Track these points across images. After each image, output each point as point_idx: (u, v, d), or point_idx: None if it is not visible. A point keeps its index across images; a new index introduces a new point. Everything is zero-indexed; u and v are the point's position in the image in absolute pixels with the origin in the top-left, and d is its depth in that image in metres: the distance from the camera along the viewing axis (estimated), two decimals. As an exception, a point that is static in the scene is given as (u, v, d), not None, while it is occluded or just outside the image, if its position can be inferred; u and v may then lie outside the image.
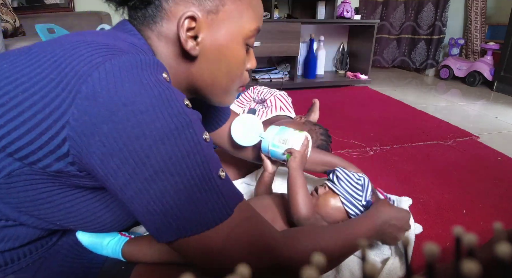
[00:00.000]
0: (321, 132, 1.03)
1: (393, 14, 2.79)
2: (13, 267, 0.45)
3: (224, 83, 0.50)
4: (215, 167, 0.38)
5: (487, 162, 1.23)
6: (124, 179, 0.34)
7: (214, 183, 0.37)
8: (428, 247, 0.15)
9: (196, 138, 0.36)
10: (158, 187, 0.34)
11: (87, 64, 0.33)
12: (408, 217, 0.65)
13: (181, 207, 0.35)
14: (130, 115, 0.33)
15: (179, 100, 0.37)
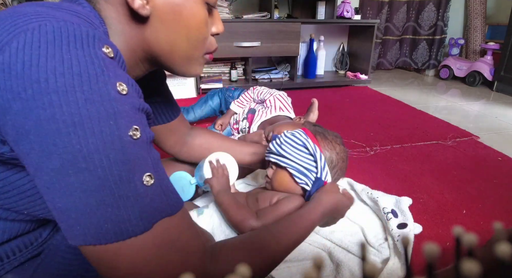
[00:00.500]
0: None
1: (396, 15, 2.79)
2: (4, 266, 0.43)
3: (184, 49, 0.44)
4: (139, 170, 0.33)
5: (487, 162, 1.23)
6: (33, 167, 0.30)
7: (132, 189, 0.32)
8: (428, 247, 0.15)
9: (116, 133, 0.31)
10: (64, 182, 0.30)
11: (10, 33, 0.29)
12: (346, 202, 0.64)
13: (88, 210, 0.30)
14: (41, 94, 0.28)
15: (107, 84, 0.31)
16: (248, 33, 2.05)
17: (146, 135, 0.35)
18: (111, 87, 0.32)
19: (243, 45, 2.06)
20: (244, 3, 2.38)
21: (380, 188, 0.98)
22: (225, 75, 2.36)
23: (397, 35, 2.86)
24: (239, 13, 2.23)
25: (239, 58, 2.33)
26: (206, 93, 1.53)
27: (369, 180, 1.07)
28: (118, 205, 0.31)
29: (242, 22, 2.02)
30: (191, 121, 1.52)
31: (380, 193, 0.90)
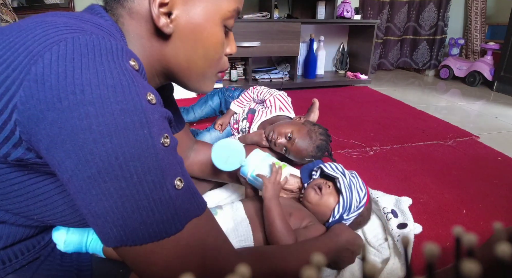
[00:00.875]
0: (320, 131, 1.03)
1: (398, 15, 2.79)
2: (6, 268, 0.44)
3: (200, 66, 0.46)
4: (170, 175, 0.34)
5: (487, 162, 1.23)
6: (67, 174, 0.31)
7: (165, 193, 0.34)
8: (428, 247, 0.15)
9: (150, 141, 0.33)
10: (101, 189, 0.31)
11: (41, 44, 0.30)
12: (361, 242, 0.66)
13: (124, 214, 0.32)
14: (77, 105, 0.29)
15: (139, 94, 0.33)
16: (248, 33, 2.05)
17: (173, 141, 0.37)
18: (142, 97, 0.33)
19: (243, 45, 2.06)
20: (244, 3, 2.37)
21: (380, 188, 0.98)
22: (225, 75, 2.36)
23: (398, 35, 2.86)
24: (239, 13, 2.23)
25: (239, 58, 2.33)
26: (206, 93, 1.53)
27: (369, 180, 1.07)
28: (152, 209, 0.33)
29: (242, 22, 2.02)
30: (191, 121, 1.51)
31: (380, 193, 0.90)
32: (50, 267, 0.49)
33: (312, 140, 1.01)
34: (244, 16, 2.08)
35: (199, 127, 1.46)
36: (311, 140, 1.01)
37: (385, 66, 2.95)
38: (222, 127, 1.30)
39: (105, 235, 0.33)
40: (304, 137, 1.00)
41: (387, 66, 2.95)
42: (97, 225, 0.33)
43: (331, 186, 0.74)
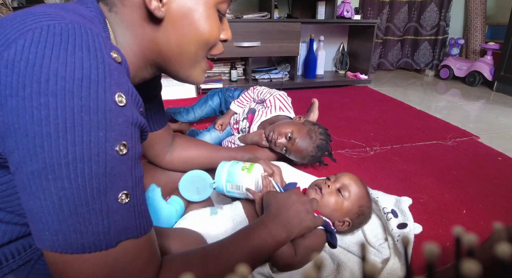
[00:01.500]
0: (320, 131, 1.03)
1: (397, 15, 2.78)
2: (3, 269, 0.43)
3: (192, 51, 0.45)
4: (117, 187, 0.33)
5: (487, 162, 1.23)
6: (14, 165, 0.31)
7: (105, 205, 0.32)
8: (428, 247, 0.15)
9: (103, 145, 0.31)
10: (42, 186, 0.30)
11: (17, 31, 0.30)
12: (303, 202, 0.61)
13: (60, 218, 0.31)
14: (39, 94, 0.28)
15: (106, 93, 0.31)
16: (248, 33, 2.05)
17: (133, 151, 0.35)
18: (110, 96, 0.31)
19: (243, 45, 2.06)
20: (244, 3, 2.38)
21: (380, 188, 0.98)
22: (225, 75, 2.36)
23: (398, 35, 2.85)
24: (239, 13, 2.23)
25: (239, 58, 2.33)
26: (206, 93, 1.53)
27: (369, 180, 1.07)
28: (89, 218, 0.31)
29: (242, 22, 2.02)
30: (191, 121, 1.51)
31: (380, 193, 0.90)
32: (44, 266, 0.49)
33: (312, 140, 1.01)
34: (244, 16, 2.08)
35: (199, 127, 1.46)
36: (311, 140, 1.01)
37: (384, 66, 2.94)
38: (222, 127, 1.30)
39: (38, 236, 0.32)
40: (304, 137, 1.00)
41: (386, 66, 2.94)
42: (32, 223, 0.32)
43: (330, 185, 0.74)
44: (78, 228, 0.31)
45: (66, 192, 0.30)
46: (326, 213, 0.72)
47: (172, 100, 2.01)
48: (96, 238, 0.32)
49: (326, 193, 0.73)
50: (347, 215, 0.73)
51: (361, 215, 0.74)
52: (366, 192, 0.77)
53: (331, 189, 0.73)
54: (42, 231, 0.31)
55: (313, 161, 1.07)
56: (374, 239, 0.78)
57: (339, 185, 0.74)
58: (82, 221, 0.31)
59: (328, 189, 0.73)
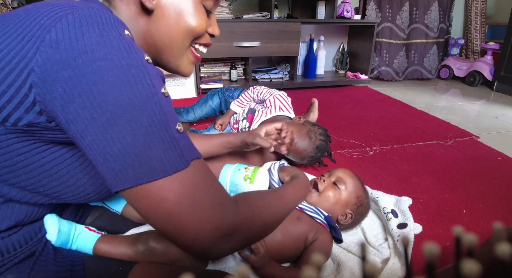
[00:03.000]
0: (320, 132, 1.03)
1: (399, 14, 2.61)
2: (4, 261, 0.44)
3: (181, 41, 0.50)
4: (172, 121, 0.39)
5: (487, 162, 1.23)
6: (83, 125, 0.35)
7: (170, 134, 0.38)
8: (428, 247, 0.15)
9: (153, 89, 0.37)
10: (114, 132, 0.35)
11: (50, 18, 0.35)
12: None
13: (137, 153, 0.36)
14: (90, 62, 0.34)
15: (138, 54, 0.38)
16: (248, 33, 2.05)
17: (170, 96, 0.42)
18: (141, 56, 0.38)
19: (243, 45, 2.06)
20: (244, 3, 2.38)
21: (380, 188, 0.98)
22: (225, 75, 2.36)
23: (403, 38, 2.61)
24: (239, 13, 2.23)
25: (239, 58, 2.33)
26: (206, 93, 1.53)
27: (369, 180, 1.07)
28: (161, 147, 0.37)
29: (242, 22, 2.02)
30: (191, 121, 1.51)
31: (380, 193, 0.90)
32: (45, 263, 0.49)
33: (311, 140, 1.01)
34: (244, 16, 2.08)
35: (199, 127, 1.46)
36: (310, 140, 1.01)
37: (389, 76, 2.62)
38: (222, 127, 1.30)
39: (118, 178, 0.36)
40: (303, 137, 1.00)
41: (393, 77, 2.62)
42: (112, 169, 0.36)
43: (326, 180, 0.75)
44: (157, 156, 0.36)
45: (138, 131, 0.36)
46: (327, 208, 0.73)
47: (172, 100, 2.01)
48: (174, 160, 0.38)
49: (323, 189, 0.74)
50: (347, 206, 0.74)
51: (361, 206, 0.75)
52: (361, 183, 0.78)
53: (327, 184, 0.75)
54: (123, 171, 0.36)
55: (313, 162, 1.07)
56: (374, 239, 0.78)
57: (334, 179, 0.76)
58: (157, 151, 0.37)
59: (324, 183, 0.74)
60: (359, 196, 0.75)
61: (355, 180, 0.77)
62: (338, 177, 0.76)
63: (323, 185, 0.75)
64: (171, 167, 0.37)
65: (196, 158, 0.41)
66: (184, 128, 0.41)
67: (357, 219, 0.77)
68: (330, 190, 0.74)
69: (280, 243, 0.66)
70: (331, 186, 0.75)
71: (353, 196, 0.75)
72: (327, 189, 0.74)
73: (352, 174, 0.78)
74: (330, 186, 0.75)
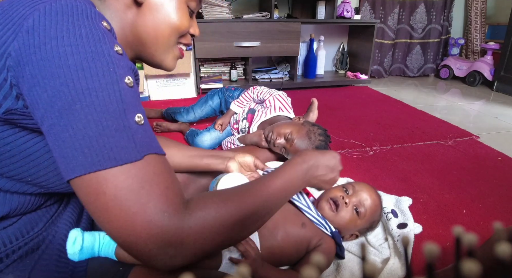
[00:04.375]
0: (319, 132, 1.03)
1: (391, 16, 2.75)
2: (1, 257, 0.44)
3: (166, 35, 0.52)
4: (132, 111, 0.39)
5: (487, 162, 1.23)
6: (42, 109, 0.36)
7: (126, 123, 0.38)
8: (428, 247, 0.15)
9: (115, 77, 0.38)
10: (69, 118, 0.35)
11: (30, 7, 0.37)
12: (336, 156, 0.65)
13: (88, 141, 0.36)
14: (58, 47, 0.36)
15: (107, 44, 0.39)
16: (248, 33, 2.05)
17: (136, 88, 0.41)
18: (110, 46, 0.39)
19: (243, 45, 2.06)
20: (244, 3, 2.38)
21: (380, 188, 0.98)
22: (225, 75, 2.36)
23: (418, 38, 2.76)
24: (239, 13, 2.23)
25: (239, 58, 2.33)
26: (206, 93, 1.53)
27: (369, 180, 1.07)
28: (116, 134, 0.37)
29: (242, 22, 2.02)
30: (191, 121, 1.51)
31: (380, 193, 0.90)
32: (47, 262, 0.49)
33: (311, 140, 1.01)
34: (244, 16, 2.08)
35: (199, 127, 1.46)
36: (310, 140, 1.01)
37: (403, 72, 2.83)
38: (222, 127, 1.30)
39: (70, 165, 0.36)
40: (303, 137, 1.00)
41: (406, 73, 2.84)
42: (64, 156, 0.36)
43: (348, 203, 0.70)
44: (108, 145, 0.36)
45: (93, 116, 0.36)
46: (338, 226, 0.70)
47: (172, 100, 2.01)
48: (125, 151, 0.37)
49: (342, 210, 0.70)
50: (358, 229, 0.72)
51: (371, 228, 0.75)
52: (380, 206, 0.75)
53: (348, 207, 0.70)
54: (74, 158, 0.36)
55: None
56: (374, 239, 0.78)
57: (356, 202, 0.71)
58: (110, 138, 0.36)
59: (345, 206, 0.70)
60: (373, 222, 0.73)
61: (377, 205, 0.73)
62: (360, 202, 0.71)
63: (343, 206, 0.70)
64: (121, 157, 0.36)
65: (155, 153, 0.40)
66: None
67: (361, 236, 0.77)
68: (349, 214, 0.70)
69: (280, 246, 0.65)
70: (351, 211, 0.70)
71: (368, 222, 0.72)
72: (346, 212, 0.70)
73: (375, 196, 0.73)
74: (350, 211, 0.70)
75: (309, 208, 0.69)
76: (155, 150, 0.40)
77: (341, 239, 0.70)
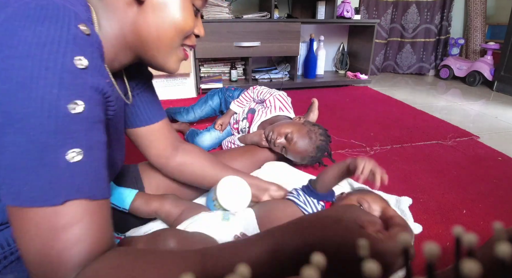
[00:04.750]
0: (320, 132, 1.03)
1: (404, 15, 2.77)
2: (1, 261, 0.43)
3: (169, 36, 0.48)
4: (66, 144, 0.33)
5: (487, 162, 1.23)
6: None
7: (54, 160, 0.33)
8: (428, 247, 0.15)
9: (54, 102, 0.33)
10: (1, 141, 0.32)
11: None
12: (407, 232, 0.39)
13: (13, 170, 0.32)
14: (7, 57, 0.32)
15: (67, 55, 0.34)
16: (248, 33, 2.05)
17: (91, 114, 0.36)
18: (69, 59, 0.34)
19: (243, 45, 2.06)
20: (244, 3, 2.38)
21: (380, 188, 0.98)
22: (225, 75, 2.36)
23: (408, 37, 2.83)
24: (239, 13, 2.23)
25: (239, 58, 2.33)
26: (206, 93, 1.53)
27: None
28: (38, 171, 0.32)
29: (242, 22, 2.02)
30: (191, 121, 1.51)
31: (380, 193, 0.90)
32: None
33: (311, 140, 1.01)
34: (244, 16, 2.08)
35: (199, 127, 1.46)
36: (310, 140, 1.01)
37: (392, 69, 2.92)
38: (222, 127, 1.30)
39: (1, 191, 0.33)
40: (303, 137, 1.00)
41: (396, 70, 2.91)
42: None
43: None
44: (29, 181, 0.32)
45: (20, 147, 0.32)
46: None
47: (172, 100, 2.01)
48: (43, 192, 0.33)
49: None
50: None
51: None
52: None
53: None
54: (2, 185, 0.33)
55: (313, 162, 1.07)
56: (374, 239, 0.78)
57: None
58: (32, 174, 0.32)
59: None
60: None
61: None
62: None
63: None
64: (37, 198, 0.32)
65: (84, 198, 0.35)
66: None
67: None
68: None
69: None
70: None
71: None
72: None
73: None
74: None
75: (306, 204, 0.69)
76: (84, 194, 0.35)
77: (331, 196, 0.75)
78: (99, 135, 0.38)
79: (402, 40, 2.85)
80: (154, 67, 0.53)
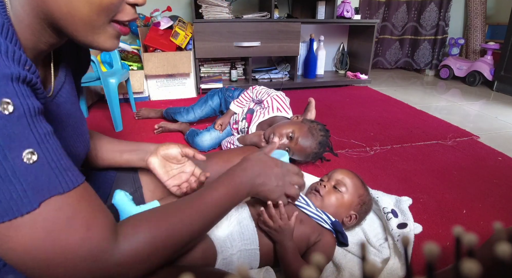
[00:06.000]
0: (319, 128, 1.04)
1: (395, 14, 2.80)
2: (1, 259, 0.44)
3: (84, 13, 0.40)
4: (17, 147, 0.31)
5: (487, 162, 1.23)
6: None
7: (10, 168, 0.31)
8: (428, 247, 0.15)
9: None
10: None
11: None
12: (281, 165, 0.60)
13: None
14: None
15: None
16: (248, 33, 2.05)
17: (25, 108, 0.33)
18: None
19: (243, 45, 2.06)
20: (244, 3, 2.38)
21: (380, 188, 0.98)
22: (225, 75, 2.36)
23: (397, 34, 2.88)
24: (239, 13, 2.23)
25: (239, 58, 2.33)
26: (206, 93, 1.53)
27: (369, 180, 1.07)
28: (3, 184, 0.31)
29: (242, 22, 2.02)
30: (191, 121, 1.51)
31: (380, 193, 0.90)
32: None
33: (314, 137, 1.01)
34: (244, 16, 2.08)
35: (199, 127, 1.46)
36: (313, 137, 1.01)
37: (382, 64, 2.97)
38: (222, 127, 1.30)
39: None
40: (306, 135, 1.01)
41: (384, 65, 2.97)
42: None
43: (326, 185, 0.75)
44: None
45: None
46: (331, 212, 0.72)
47: (172, 100, 2.01)
48: (14, 203, 0.31)
49: (324, 194, 0.73)
50: (351, 208, 0.74)
51: (364, 204, 0.76)
52: (361, 182, 0.78)
53: (328, 188, 0.74)
54: None
55: (316, 158, 1.07)
56: (374, 239, 0.78)
57: (334, 183, 0.75)
58: None
59: (325, 189, 0.74)
60: (360, 195, 0.75)
61: (355, 180, 0.77)
62: (337, 180, 0.76)
63: (324, 190, 0.74)
64: (9, 211, 0.31)
65: (57, 194, 0.34)
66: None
67: (362, 217, 0.77)
68: (332, 194, 0.74)
69: None
70: (332, 191, 0.74)
71: (355, 197, 0.75)
72: (329, 194, 0.74)
73: (351, 174, 0.78)
74: (331, 191, 0.74)
75: (307, 204, 0.70)
76: (57, 190, 0.34)
77: (342, 226, 0.72)
78: (45, 126, 0.35)
79: (392, 38, 2.95)
80: (83, 45, 0.45)
